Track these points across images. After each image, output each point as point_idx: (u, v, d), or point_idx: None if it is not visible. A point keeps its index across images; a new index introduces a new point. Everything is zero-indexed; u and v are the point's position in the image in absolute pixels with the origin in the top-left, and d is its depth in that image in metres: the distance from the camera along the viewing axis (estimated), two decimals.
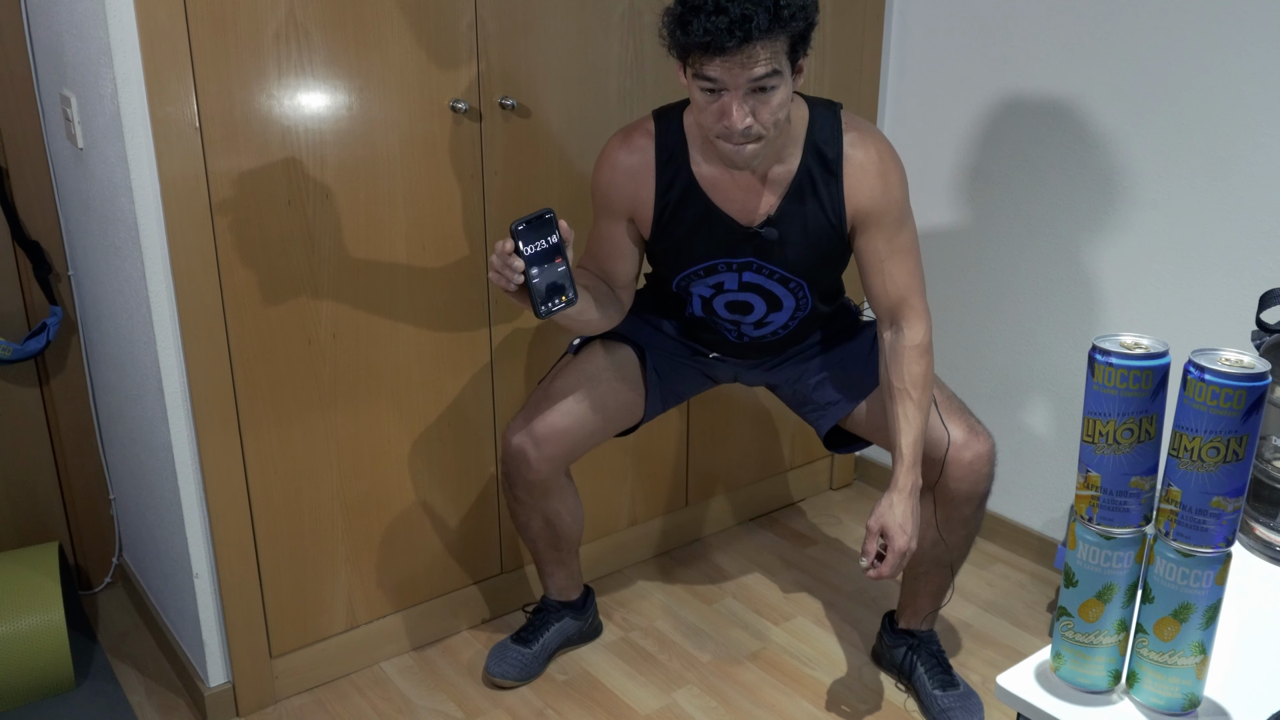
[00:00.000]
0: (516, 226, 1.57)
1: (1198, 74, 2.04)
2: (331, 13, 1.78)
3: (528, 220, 1.57)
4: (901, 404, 1.78)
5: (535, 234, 1.58)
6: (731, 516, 2.70)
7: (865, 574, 1.76)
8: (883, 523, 1.74)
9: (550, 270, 1.60)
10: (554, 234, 1.59)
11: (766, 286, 1.86)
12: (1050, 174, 2.31)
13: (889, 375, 1.81)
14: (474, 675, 2.15)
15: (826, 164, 1.76)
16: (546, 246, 1.59)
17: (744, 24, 1.51)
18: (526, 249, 1.58)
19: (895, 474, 1.77)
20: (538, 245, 1.58)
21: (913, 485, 1.76)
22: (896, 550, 1.73)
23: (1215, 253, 2.09)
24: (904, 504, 1.74)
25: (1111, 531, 0.99)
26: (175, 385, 1.81)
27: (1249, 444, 0.93)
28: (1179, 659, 0.98)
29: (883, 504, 1.75)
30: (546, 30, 2.02)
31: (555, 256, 1.60)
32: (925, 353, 1.80)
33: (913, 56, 2.53)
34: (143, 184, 1.70)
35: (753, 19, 1.51)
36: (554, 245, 1.59)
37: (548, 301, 1.61)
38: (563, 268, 1.61)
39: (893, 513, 1.74)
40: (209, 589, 1.94)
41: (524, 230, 1.57)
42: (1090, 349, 0.97)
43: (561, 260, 1.60)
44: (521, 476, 1.94)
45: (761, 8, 1.52)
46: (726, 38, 1.52)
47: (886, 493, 1.76)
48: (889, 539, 1.73)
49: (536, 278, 1.59)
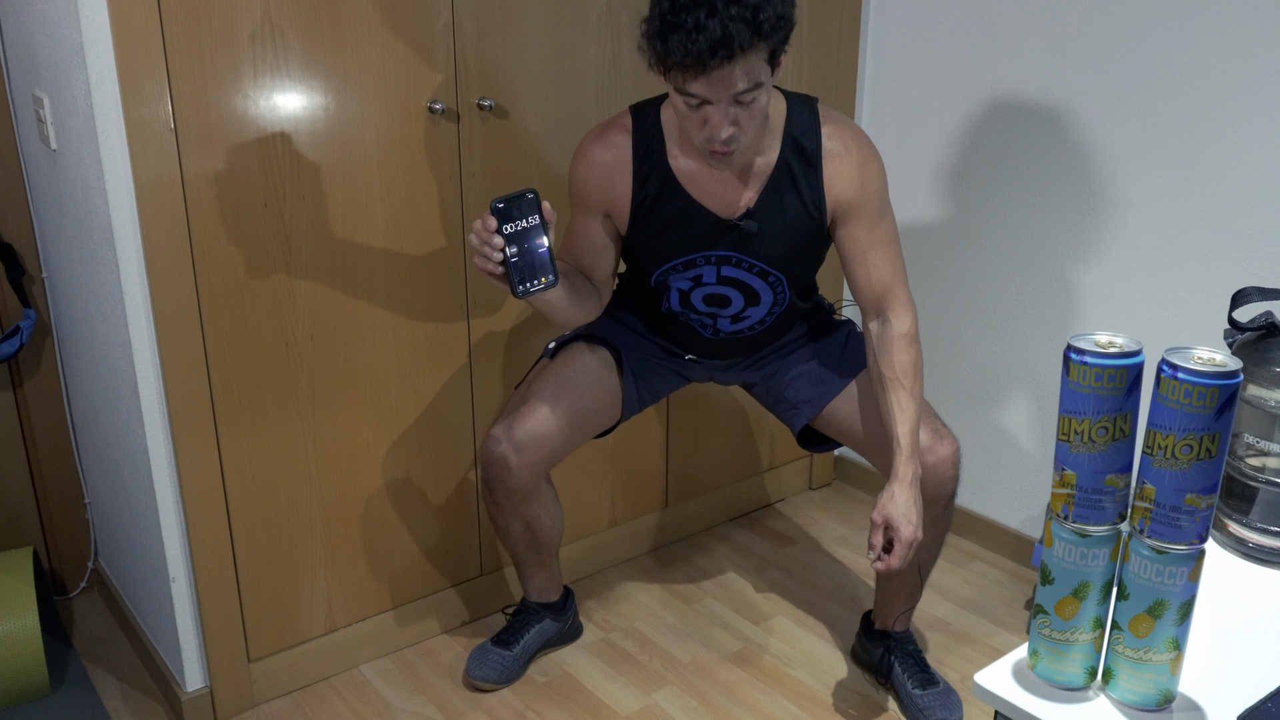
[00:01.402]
0: (496, 204, 1.57)
1: (1172, 73, 2.05)
2: (307, 13, 1.77)
3: (508, 199, 1.57)
4: (895, 393, 1.78)
5: (516, 213, 1.58)
6: (711, 517, 2.71)
7: (873, 567, 1.74)
8: (886, 514, 1.72)
9: (530, 250, 1.59)
10: (535, 214, 1.59)
11: (745, 280, 1.86)
12: (1025, 173, 2.32)
13: (879, 366, 1.81)
14: (454, 678, 2.15)
15: (805, 156, 1.76)
16: (527, 226, 1.59)
17: (725, 43, 1.51)
18: (506, 227, 1.58)
19: (895, 464, 1.76)
20: (518, 224, 1.58)
21: (913, 474, 1.75)
22: (904, 540, 1.71)
23: (1188, 252, 2.11)
24: (906, 493, 1.73)
25: (1087, 529, 1.00)
26: (151, 388, 1.80)
27: (1222, 441, 0.94)
28: (1154, 655, 0.99)
29: (884, 495, 1.74)
30: (524, 31, 2.02)
31: (536, 237, 1.59)
32: (913, 341, 1.81)
33: (890, 55, 2.54)
34: (117, 185, 1.69)
35: (734, 38, 1.50)
36: (535, 225, 1.59)
37: (525, 281, 1.60)
38: (543, 249, 1.60)
39: (895, 503, 1.73)
40: (186, 593, 1.93)
41: (504, 209, 1.57)
42: (1065, 348, 0.97)
43: (543, 241, 1.60)
44: (502, 483, 1.94)
45: (741, 23, 1.50)
46: (708, 57, 1.51)
47: (888, 484, 1.75)
48: (895, 529, 1.72)
49: (515, 256, 1.59)
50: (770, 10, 1.53)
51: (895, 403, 1.78)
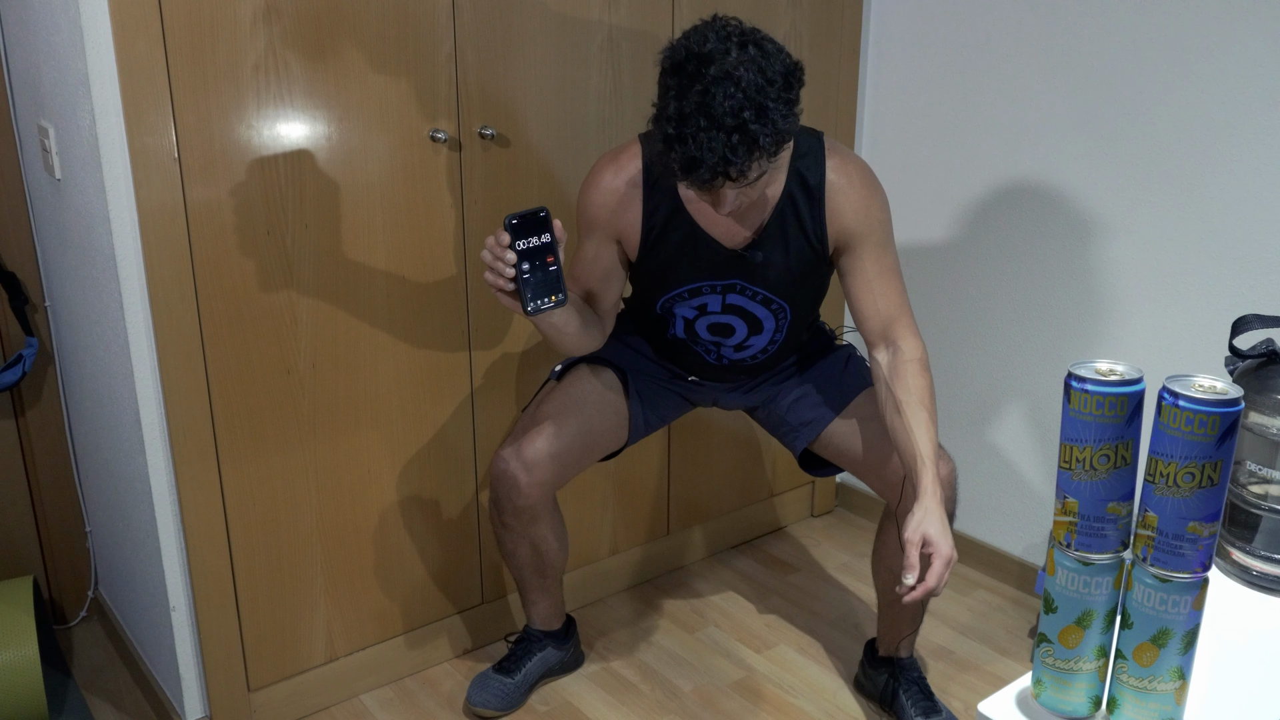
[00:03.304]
0: (510, 220, 1.57)
1: (1172, 101, 2.07)
2: (311, 44, 1.79)
3: (521, 215, 1.57)
4: (915, 413, 1.73)
5: (528, 230, 1.58)
6: (713, 544, 2.70)
7: (909, 594, 1.59)
8: (924, 532, 1.62)
9: (542, 268, 1.60)
10: (547, 232, 1.59)
11: (748, 308, 1.87)
12: (1025, 201, 2.33)
13: (894, 392, 1.76)
14: (455, 706, 2.13)
15: (809, 189, 1.77)
16: (539, 244, 1.59)
17: (724, 167, 1.52)
18: (519, 244, 1.58)
19: (921, 483, 1.68)
20: (530, 242, 1.58)
21: (939, 491, 1.68)
22: (943, 558, 1.61)
23: (1188, 279, 2.11)
24: (938, 509, 1.65)
25: (1089, 557, 1.00)
26: (153, 416, 1.80)
27: (1224, 469, 0.94)
28: (1158, 684, 0.99)
29: (917, 514, 1.64)
30: (525, 60, 2.03)
31: (547, 255, 1.60)
32: (926, 367, 1.79)
33: (889, 84, 2.56)
34: (121, 215, 1.70)
35: (732, 164, 1.52)
36: (546, 244, 1.59)
37: (537, 299, 1.60)
38: (554, 267, 1.60)
39: (930, 519, 1.63)
40: (186, 622, 1.92)
41: (517, 225, 1.57)
42: (1066, 376, 0.97)
43: (554, 259, 1.60)
44: (511, 502, 1.94)
45: (741, 146, 1.51)
46: (710, 180, 1.54)
47: (918, 503, 1.66)
48: (934, 547, 1.62)
49: (528, 274, 1.59)
50: (771, 130, 1.53)
51: (915, 421, 1.73)
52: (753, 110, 1.51)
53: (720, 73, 1.51)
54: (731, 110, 1.50)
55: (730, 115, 1.50)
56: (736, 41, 1.54)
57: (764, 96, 1.52)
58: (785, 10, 2.36)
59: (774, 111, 1.52)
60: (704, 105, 1.51)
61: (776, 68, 1.54)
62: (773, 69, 1.54)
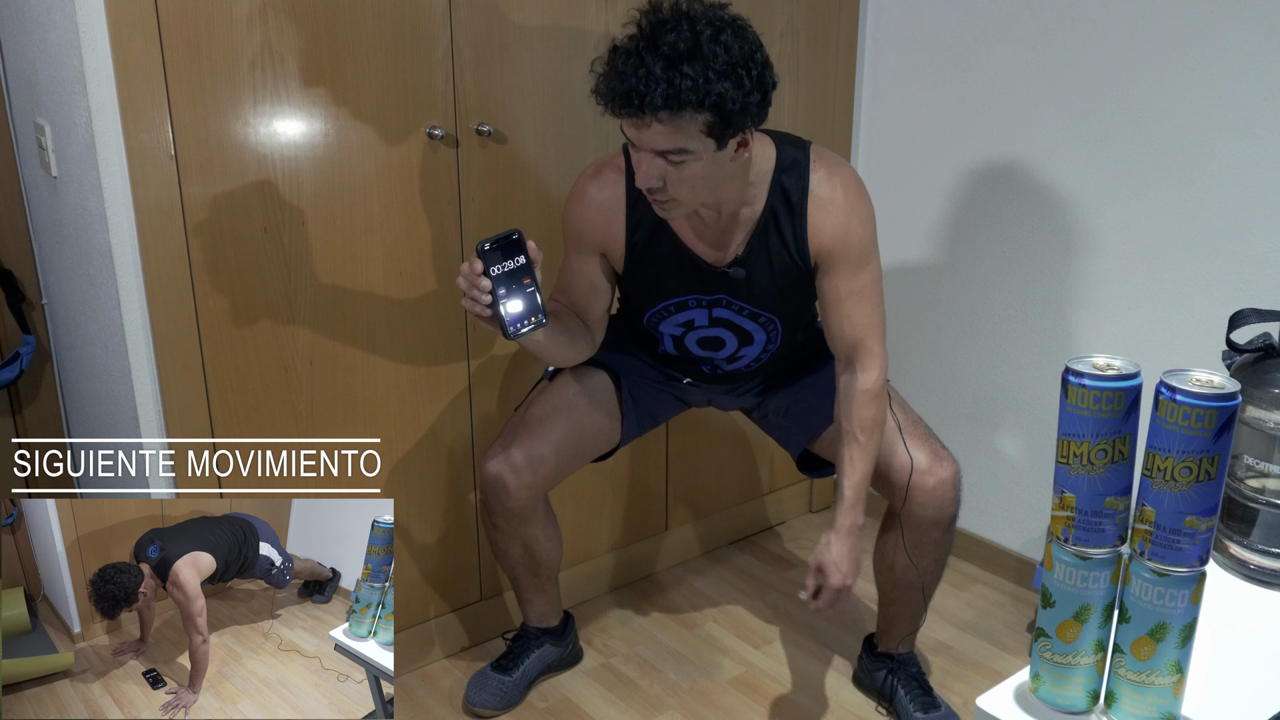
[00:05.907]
0: (483, 246, 1.56)
1: (1167, 97, 2.06)
2: (307, 40, 1.79)
3: (494, 240, 1.57)
4: (849, 446, 1.80)
5: (503, 254, 1.57)
6: (711, 540, 2.70)
7: (807, 608, 1.82)
8: (819, 560, 1.79)
9: (518, 291, 1.59)
10: (521, 254, 1.58)
11: (737, 322, 1.86)
12: (1022, 196, 2.33)
13: (840, 417, 1.83)
14: (453, 704, 2.13)
15: (790, 204, 1.76)
16: (515, 267, 1.58)
17: (637, 97, 1.52)
18: (493, 269, 1.57)
19: (835, 514, 1.81)
20: (505, 266, 1.58)
21: (851, 525, 1.79)
22: (831, 587, 1.78)
23: (1185, 274, 2.11)
24: (841, 543, 1.78)
25: (1087, 552, 1.00)
26: (150, 415, 1.80)
27: (1221, 463, 0.94)
28: (1156, 678, 0.99)
29: (821, 543, 1.80)
30: (522, 57, 2.03)
31: (524, 277, 1.59)
32: (876, 397, 1.80)
33: (886, 82, 2.55)
34: (117, 212, 1.69)
35: (645, 95, 1.51)
36: (522, 266, 1.58)
37: (516, 323, 1.59)
38: (531, 289, 1.59)
39: (829, 551, 1.79)
40: None
41: (490, 250, 1.56)
42: (1063, 370, 0.98)
43: (530, 281, 1.59)
44: (500, 504, 1.94)
45: (658, 87, 1.51)
46: (623, 104, 1.54)
47: (826, 531, 1.81)
48: (825, 576, 1.78)
49: (505, 298, 1.58)
50: (694, 84, 1.51)
51: (848, 455, 1.80)
52: (693, 57, 1.51)
53: (684, 23, 1.53)
54: (672, 44, 1.51)
55: (669, 48, 1.51)
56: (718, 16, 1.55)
57: (713, 53, 1.52)
58: (782, 5, 2.36)
59: (714, 68, 1.51)
60: (653, 38, 1.53)
61: (743, 47, 1.55)
62: (738, 46, 1.54)
